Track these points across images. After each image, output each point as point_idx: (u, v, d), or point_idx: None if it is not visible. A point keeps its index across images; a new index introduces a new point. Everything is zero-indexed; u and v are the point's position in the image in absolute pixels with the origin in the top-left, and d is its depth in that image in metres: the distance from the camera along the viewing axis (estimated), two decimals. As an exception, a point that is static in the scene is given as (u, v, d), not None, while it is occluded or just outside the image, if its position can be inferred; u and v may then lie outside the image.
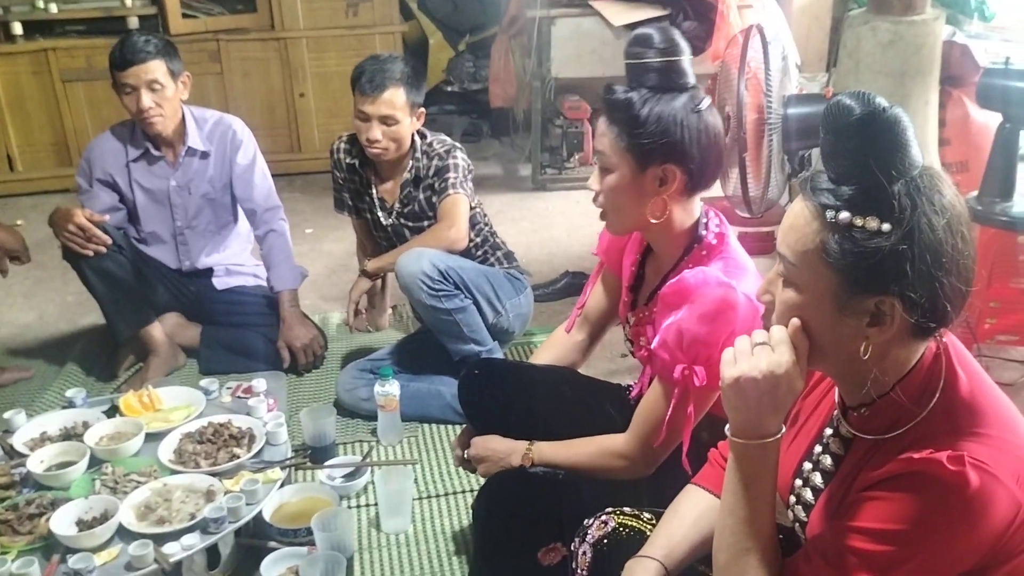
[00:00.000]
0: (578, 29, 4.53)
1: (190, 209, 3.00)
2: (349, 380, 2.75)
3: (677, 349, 1.54)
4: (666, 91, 1.59)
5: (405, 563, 2.14)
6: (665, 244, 1.70)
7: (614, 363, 2.95)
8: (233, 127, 2.99)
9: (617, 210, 1.67)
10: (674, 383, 1.56)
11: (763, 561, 1.15)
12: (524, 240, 4.07)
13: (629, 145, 1.59)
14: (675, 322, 1.54)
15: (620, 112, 1.60)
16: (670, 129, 1.57)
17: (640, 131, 1.58)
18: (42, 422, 2.31)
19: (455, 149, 2.76)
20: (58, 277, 3.74)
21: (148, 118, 2.81)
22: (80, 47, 4.70)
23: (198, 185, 2.97)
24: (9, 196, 4.73)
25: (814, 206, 1.08)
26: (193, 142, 2.93)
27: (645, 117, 1.57)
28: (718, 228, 1.67)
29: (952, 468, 1.01)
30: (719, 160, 1.65)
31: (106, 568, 1.83)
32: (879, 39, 2.94)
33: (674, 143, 1.58)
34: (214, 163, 2.97)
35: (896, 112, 1.05)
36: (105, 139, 2.97)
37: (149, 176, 2.96)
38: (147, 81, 2.77)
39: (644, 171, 1.60)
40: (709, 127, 1.60)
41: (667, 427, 1.60)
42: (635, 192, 1.62)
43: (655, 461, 1.66)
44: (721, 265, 1.60)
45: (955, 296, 1.06)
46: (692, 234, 1.67)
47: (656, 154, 1.58)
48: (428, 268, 2.52)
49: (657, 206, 1.62)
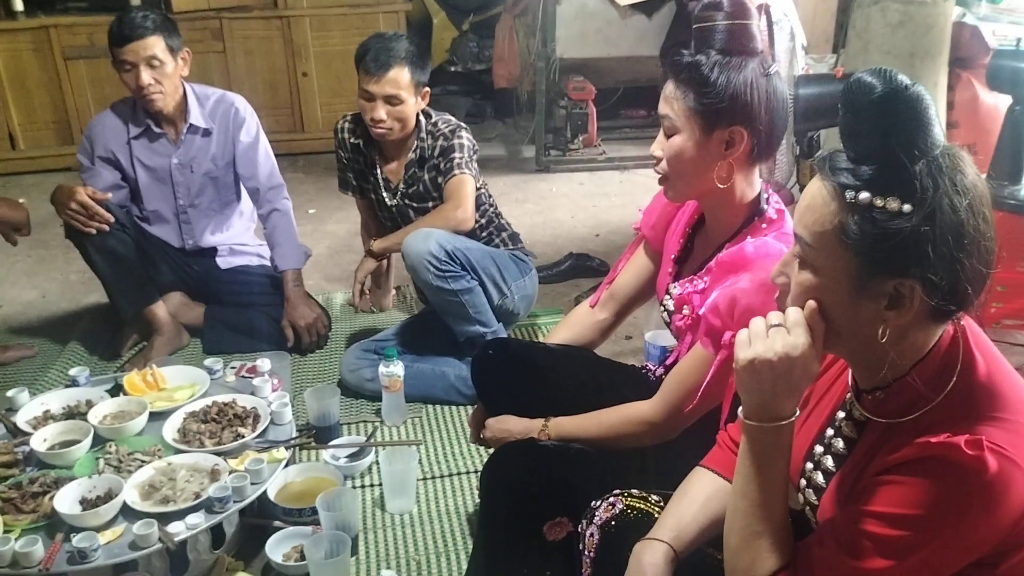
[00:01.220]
0: (583, 9, 4.50)
1: (192, 187, 2.98)
2: (353, 360, 2.74)
3: (728, 316, 1.53)
4: (735, 55, 1.57)
5: (409, 543, 2.14)
6: (724, 214, 1.67)
7: (618, 345, 2.94)
8: (235, 104, 2.97)
9: (681, 175, 1.64)
10: (719, 348, 1.55)
11: (775, 544, 1.14)
12: (528, 222, 4.06)
13: (697, 107, 1.57)
14: (731, 289, 1.54)
15: (688, 73, 1.57)
16: (739, 91, 1.55)
17: (709, 91, 1.55)
18: (45, 401, 2.31)
19: (460, 129, 2.74)
20: (60, 256, 3.73)
21: (148, 95, 2.78)
22: (82, 24, 4.68)
23: (200, 163, 2.95)
24: (11, 174, 4.72)
25: (832, 186, 1.06)
26: (195, 119, 2.91)
27: (715, 78, 1.55)
28: (779, 204, 1.67)
29: (970, 452, 1.00)
30: (784, 126, 1.63)
31: (110, 547, 1.83)
32: (888, 19, 2.91)
33: (743, 105, 1.55)
34: (216, 141, 2.95)
35: (918, 90, 1.03)
36: (106, 116, 2.95)
37: (150, 154, 2.94)
38: (146, 57, 2.74)
39: (711, 133, 1.58)
40: (777, 92, 1.58)
41: (703, 393, 1.59)
42: (701, 155, 1.60)
43: (679, 427, 1.66)
44: (782, 240, 1.58)
45: (976, 278, 1.04)
46: (753, 207, 1.65)
47: (724, 116, 1.56)
48: (435, 249, 2.50)
49: (723, 170, 1.59)
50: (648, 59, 4.64)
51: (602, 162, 4.88)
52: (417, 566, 2.07)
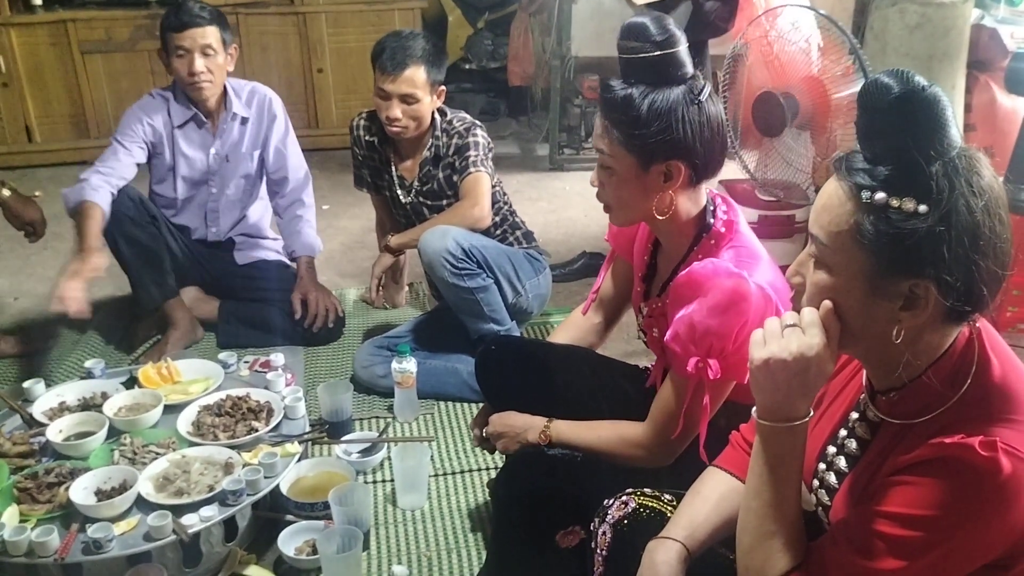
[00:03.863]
0: (599, 7, 4.49)
1: (227, 178, 3.02)
2: (366, 357, 2.75)
3: (690, 342, 1.52)
4: (663, 85, 1.54)
5: (421, 539, 2.15)
6: (672, 236, 1.67)
7: (630, 344, 2.93)
8: (268, 96, 3.03)
9: (622, 206, 1.64)
10: (688, 376, 1.54)
11: (788, 545, 1.14)
12: (541, 220, 4.06)
13: (630, 145, 1.56)
14: (687, 315, 1.52)
15: (619, 112, 1.56)
16: (672, 126, 1.53)
17: (642, 131, 1.54)
18: (61, 392, 2.33)
19: (475, 127, 2.74)
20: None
21: (198, 82, 2.83)
22: (100, 18, 4.70)
23: (237, 154, 3.00)
24: (27, 167, 4.74)
25: (848, 186, 1.06)
26: (236, 108, 2.97)
27: (646, 116, 1.53)
28: (726, 215, 1.64)
29: (984, 454, 1.00)
30: (723, 149, 1.61)
31: (124, 538, 1.84)
32: (907, 21, 2.91)
33: (677, 139, 1.54)
34: (251, 131, 3.01)
35: (935, 91, 1.02)
36: (147, 103, 2.96)
37: (191, 144, 2.97)
38: (202, 45, 2.80)
39: (648, 169, 1.57)
40: (711, 118, 1.56)
41: (684, 419, 1.59)
42: (639, 189, 1.59)
43: (674, 452, 1.65)
44: (732, 254, 1.57)
45: (991, 280, 1.04)
46: (699, 223, 1.64)
47: (659, 151, 1.55)
48: (452, 246, 2.51)
49: (663, 201, 1.59)
50: (663, 58, 4.63)
51: (616, 161, 4.87)
52: (428, 562, 2.07)
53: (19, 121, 4.76)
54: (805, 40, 3.21)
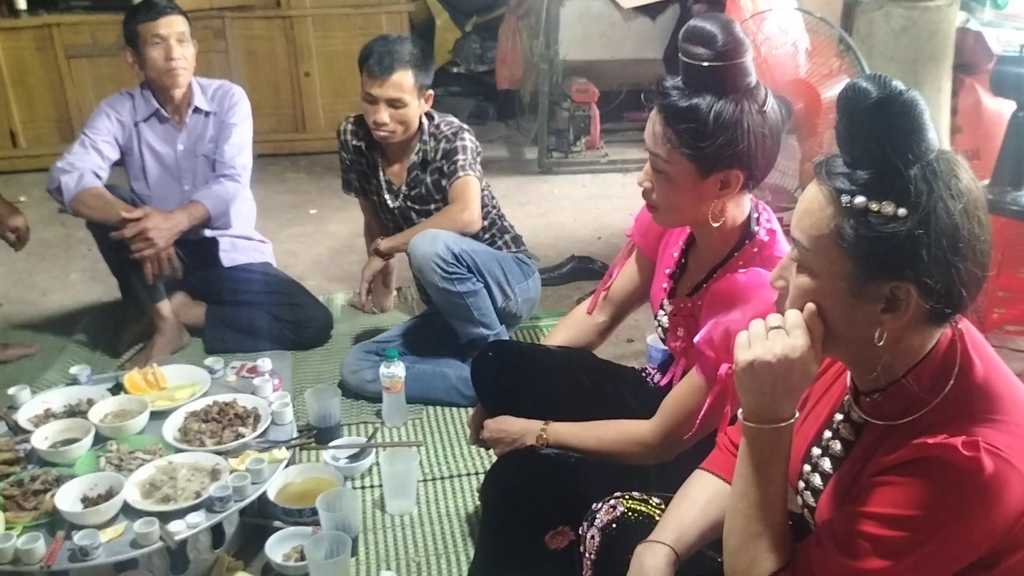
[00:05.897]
0: (587, 11, 4.51)
1: (197, 173, 3.01)
2: (354, 361, 2.74)
3: (723, 349, 1.50)
4: (729, 94, 1.47)
5: (409, 544, 2.14)
6: (714, 239, 1.63)
7: (620, 347, 2.94)
8: (233, 90, 3.04)
9: (672, 209, 1.60)
10: (716, 381, 1.53)
11: (774, 545, 1.15)
12: (530, 224, 4.06)
13: (692, 154, 1.50)
14: (724, 321, 1.50)
15: (683, 121, 1.49)
16: (736, 138, 1.47)
17: (707, 143, 1.48)
18: (46, 399, 2.32)
19: (463, 131, 2.74)
20: (62, 254, 3.74)
21: (176, 68, 2.85)
22: (85, 23, 4.69)
23: (202, 146, 2.99)
24: (12, 172, 4.72)
25: (829, 190, 1.07)
26: (199, 103, 2.97)
27: (712, 128, 1.47)
28: (768, 224, 1.62)
29: (967, 453, 1.01)
30: (776, 154, 1.58)
31: (111, 545, 1.83)
32: (892, 25, 2.92)
33: (740, 151, 1.49)
34: (214, 123, 3.01)
35: (913, 95, 1.03)
36: (115, 99, 2.98)
37: (158, 139, 2.98)
38: (177, 33, 2.83)
39: (706, 177, 1.52)
40: (772, 127, 1.52)
41: (701, 422, 1.57)
42: (694, 195, 1.55)
43: (676, 451, 1.65)
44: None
45: (971, 281, 1.05)
46: (744, 230, 1.61)
47: (721, 162, 1.50)
48: (442, 250, 2.50)
49: (718, 208, 1.55)
50: (651, 62, 4.64)
51: (604, 164, 4.88)
52: (417, 567, 2.07)
53: (4, 126, 4.74)
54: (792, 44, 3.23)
